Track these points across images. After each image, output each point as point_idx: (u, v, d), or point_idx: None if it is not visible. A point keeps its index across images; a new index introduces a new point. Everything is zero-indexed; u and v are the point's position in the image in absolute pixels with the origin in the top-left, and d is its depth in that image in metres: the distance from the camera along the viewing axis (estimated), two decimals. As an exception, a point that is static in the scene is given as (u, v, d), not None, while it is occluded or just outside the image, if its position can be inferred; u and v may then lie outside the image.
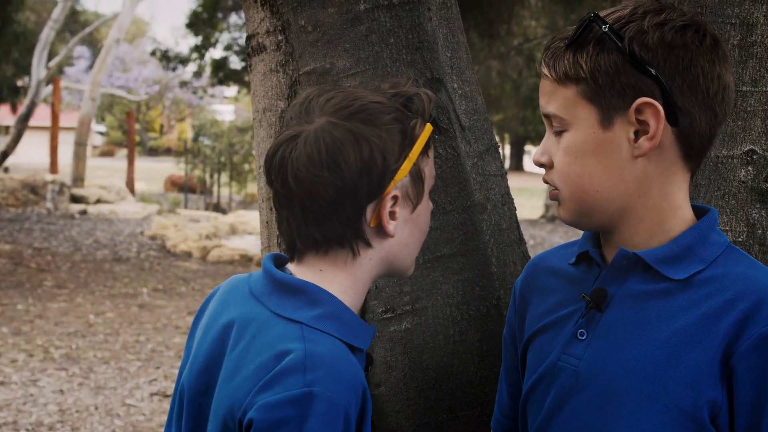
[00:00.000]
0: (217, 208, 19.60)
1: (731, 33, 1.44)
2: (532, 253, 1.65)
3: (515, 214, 1.88)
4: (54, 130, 19.22)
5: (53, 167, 18.84)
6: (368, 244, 1.23)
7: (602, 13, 1.16)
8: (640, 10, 1.15)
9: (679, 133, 1.14)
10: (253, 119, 1.89)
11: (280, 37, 1.78)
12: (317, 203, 1.19)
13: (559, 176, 1.20)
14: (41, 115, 32.13)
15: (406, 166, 1.22)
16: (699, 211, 1.22)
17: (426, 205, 1.28)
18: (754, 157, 1.46)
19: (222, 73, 16.78)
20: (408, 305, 1.53)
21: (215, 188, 20.76)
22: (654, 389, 1.11)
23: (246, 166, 20.26)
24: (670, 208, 1.17)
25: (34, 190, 16.81)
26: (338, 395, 1.11)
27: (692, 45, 1.12)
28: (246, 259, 11.87)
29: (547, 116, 1.20)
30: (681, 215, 1.18)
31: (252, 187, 20.44)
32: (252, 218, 15.46)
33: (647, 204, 1.17)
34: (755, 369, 1.07)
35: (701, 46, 1.13)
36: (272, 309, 1.20)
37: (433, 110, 1.28)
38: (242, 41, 16.11)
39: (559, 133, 1.19)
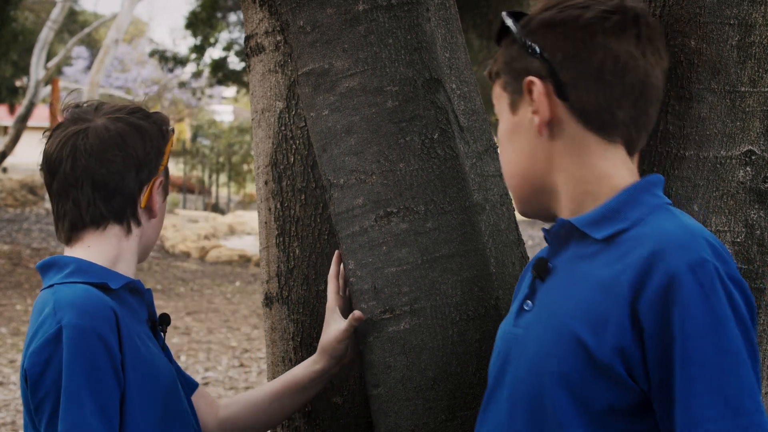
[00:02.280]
0: (216, 208, 19.60)
1: (730, 34, 1.44)
2: (531, 254, 1.65)
3: (514, 215, 1.88)
4: (53, 130, 19.19)
5: (52, 167, 18.80)
6: (138, 223, 1.51)
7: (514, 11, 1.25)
8: (542, 4, 1.22)
9: (572, 106, 1.18)
10: (252, 119, 1.89)
11: (278, 38, 1.78)
12: (109, 178, 1.45)
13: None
14: (40, 116, 32.06)
15: (166, 157, 1.51)
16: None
17: (164, 208, 1.57)
18: (753, 157, 1.46)
19: (221, 74, 16.78)
20: (406, 306, 1.53)
21: (214, 188, 20.76)
22: (571, 343, 1.12)
23: (245, 167, 20.26)
24: (593, 178, 1.20)
25: (32, 190, 16.80)
26: (84, 321, 1.32)
27: (570, 20, 1.18)
28: (244, 260, 11.86)
29: None
30: (609, 183, 1.20)
31: (250, 188, 20.44)
32: (250, 218, 15.45)
33: (567, 178, 1.21)
34: (659, 320, 1.06)
35: (578, 20, 1.17)
36: (41, 290, 1.46)
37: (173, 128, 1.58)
38: (241, 41, 16.11)
39: None
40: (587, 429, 1.11)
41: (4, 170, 20.97)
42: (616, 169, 1.20)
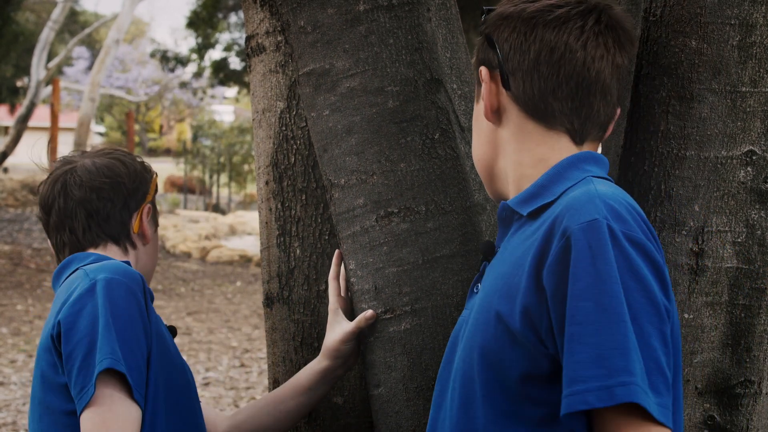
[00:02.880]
0: (217, 208, 19.60)
1: (730, 34, 1.44)
2: (532, 254, 1.65)
3: (515, 215, 1.88)
4: (53, 130, 19.21)
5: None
6: (133, 246, 1.61)
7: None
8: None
9: (513, 95, 1.23)
10: (253, 120, 1.89)
11: (279, 38, 1.78)
12: (101, 204, 1.56)
13: None
14: (40, 116, 32.09)
15: (152, 189, 1.64)
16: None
17: (156, 237, 1.68)
18: (754, 158, 1.46)
19: (222, 74, 16.79)
20: (407, 306, 1.53)
21: (214, 189, 20.76)
22: (490, 316, 1.14)
23: (245, 167, 20.26)
24: (530, 162, 1.23)
25: (33, 190, 16.80)
26: (118, 276, 1.40)
27: (516, 13, 1.22)
28: (245, 260, 11.87)
29: None
30: (544, 166, 1.22)
31: (251, 188, 20.44)
32: (251, 219, 15.46)
33: (507, 162, 1.26)
34: (557, 282, 1.06)
35: (524, 12, 1.21)
36: (56, 284, 1.55)
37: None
38: (242, 41, 16.11)
39: None
40: (505, 397, 1.12)
41: (5, 170, 20.98)
42: (553, 152, 1.22)
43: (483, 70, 1.26)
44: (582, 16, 1.20)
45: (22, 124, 19.26)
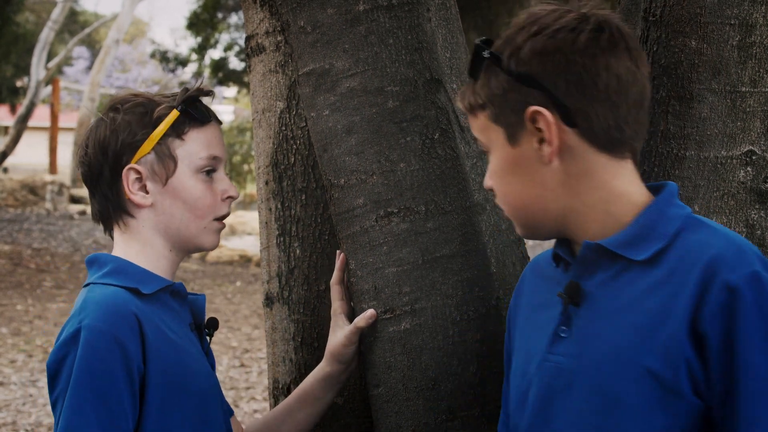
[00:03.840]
0: (217, 208, 19.56)
1: (730, 34, 1.44)
2: (531, 254, 1.65)
3: (514, 215, 1.88)
4: (53, 130, 19.22)
5: (52, 168, 18.84)
6: (130, 215, 1.48)
7: (488, 40, 1.22)
8: (519, 25, 1.20)
9: (581, 131, 1.17)
10: (253, 119, 1.89)
11: (279, 38, 1.78)
12: (85, 180, 1.49)
13: (497, 197, 1.28)
14: (40, 116, 32.07)
15: (147, 144, 1.45)
16: (656, 190, 1.23)
17: (192, 182, 1.48)
18: (754, 157, 1.46)
19: (221, 74, 16.78)
20: (407, 306, 1.53)
21: (214, 189, 20.71)
22: (637, 372, 1.12)
23: (245, 167, 20.26)
24: (612, 197, 1.19)
25: (33, 190, 16.81)
26: (104, 324, 1.32)
27: (565, 46, 1.16)
28: (245, 260, 11.86)
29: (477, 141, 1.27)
30: (628, 200, 1.20)
31: (251, 188, 20.43)
32: (251, 219, 15.45)
33: (584, 201, 1.20)
34: (722, 335, 1.08)
35: (575, 44, 1.16)
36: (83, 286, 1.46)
37: (196, 99, 1.49)
38: (242, 42, 16.11)
39: (487, 157, 1.26)
40: None
41: (5, 170, 20.97)
42: (631, 185, 1.21)
43: (542, 111, 1.16)
44: (621, 37, 1.18)
45: (22, 124, 19.26)
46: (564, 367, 1.20)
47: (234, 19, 16.63)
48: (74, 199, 17.10)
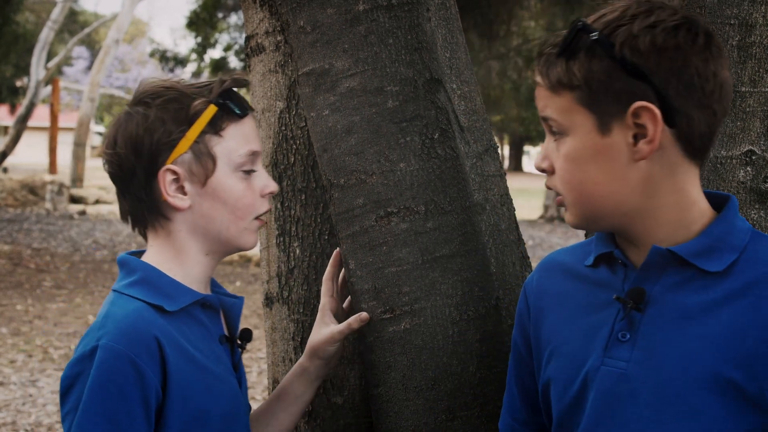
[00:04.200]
0: (217, 208, 19.57)
1: (730, 34, 1.44)
2: (531, 254, 1.65)
3: (514, 215, 1.88)
4: (53, 130, 19.22)
5: (52, 168, 18.84)
6: (165, 218, 1.37)
7: (590, 18, 1.15)
8: (629, 13, 1.14)
9: (677, 133, 1.13)
10: (252, 120, 1.89)
11: (279, 38, 1.78)
12: (116, 183, 1.37)
13: (561, 182, 1.20)
14: (40, 116, 32.09)
15: (183, 143, 1.33)
16: (715, 199, 1.22)
17: (231, 181, 1.37)
18: (753, 157, 1.46)
19: (221, 74, 16.76)
20: (407, 306, 1.52)
21: (214, 189, 20.72)
22: (717, 382, 1.11)
23: (245, 167, 20.24)
24: (686, 204, 1.17)
25: (33, 190, 16.81)
26: (121, 345, 1.24)
27: (685, 45, 1.12)
28: (245, 260, 11.85)
29: (546, 120, 1.20)
30: (698, 209, 1.18)
31: (251, 188, 20.41)
32: (251, 219, 15.40)
33: (661, 203, 1.17)
34: None
35: (694, 45, 1.12)
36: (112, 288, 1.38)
37: (227, 93, 1.38)
38: (242, 41, 16.10)
39: (558, 138, 1.19)
40: None
41: (5, 170, 20.98)
42: (700, 194, 1.20)
43: (651, 108, 1.11)
44: (722, 47, 1.16)
45: (22, 123, 19.27)
46: (629, 373, 1.17)
47: (234, 18, 16.63)
48: (74, 199, 17.10)
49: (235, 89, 1.40)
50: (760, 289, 1.12)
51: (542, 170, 1.23)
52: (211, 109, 1.35)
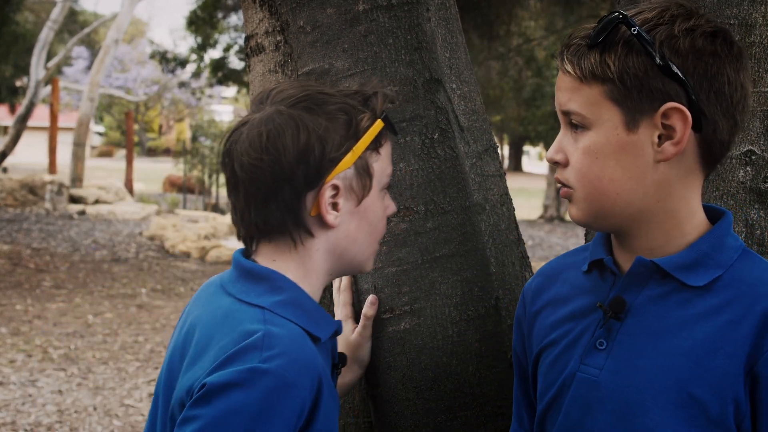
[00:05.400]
0: (216, 208, 19.59)
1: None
2: (531, 254, 1.65)
3: (514, 215, 1.88)
4: (53, 130, 19.22)
5: (52, 167, 18.83)
6: (310, 234, 1.25)
7: (628, 14, 1.14)
8: (668, 14, 1.13)
9: (701, 139, 1.13)
10: (252, 119, 1.89)
11: (278, 38, 1.78)
12: (257, 188, 1.22)
13: (576, 176, 1.18)
14: (40, 116, 32.12)
15: (350, 158, 1.23)
16: (711, 213, 1.21)
17: (378, 201, 1.29)
18: (753, 157, 1.46)
19: (221, 73, 16.78)
20: (406, 306, 1.53)
21: (214, 188, 20.75)
22: (681, 398, 1.11)
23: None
24: (687, 212, 1.17)
25: (32, 190, 16.80)
26: (293, 375, 1.11)
27: (721, 53, 1.12)
28: (245, 260, 11.85)
29: (566, 113, 1.18)
30: (697, 219, 1.18)
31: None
32: (251, 219, 15.40)
33: (666, 208, 1.16)
34: None
35: (729, 54, 1.12)
36: (237, 296, 1.22)
37: (389, 109, 1.29)
38: (242, 41, 16.10)
39: (577, 131, 1.17)
40: None
41: (5, 170, 20.98)
42: (699, 205, 1.19)
43: (683, 110, 1.11)
44: (748, 60, 1.17)
45: (22, 123, 19.26)
46: (600, 382, 1.17)
47: (233, 18, 16.63)
48: (73, 199, 17.10)
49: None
50: (738, 308, 1.11)
51: (555, 162, 1.21)
52: (378, 125, 1.26)
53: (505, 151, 43.28)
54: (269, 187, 1.22)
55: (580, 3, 11.53)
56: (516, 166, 43.54)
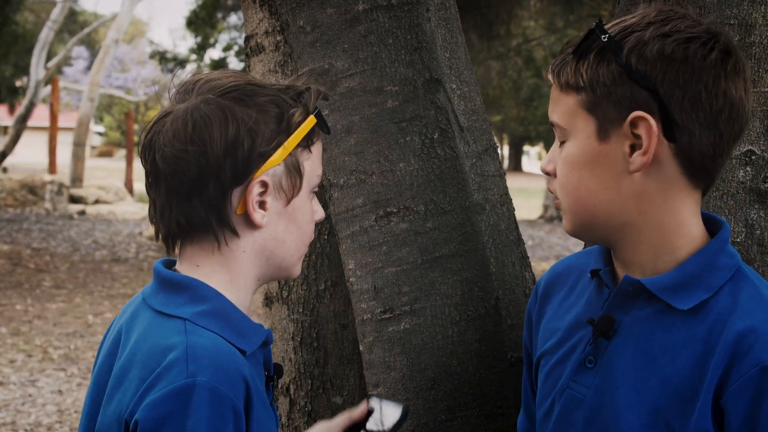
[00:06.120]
0: (216, 208, 19.57)
1: (730, 33, 1.44)
2: (531, 254, 1.65)
3: (514, 215, 1.88)
4: (53, 130, 19.22)
5: (52, 167, 18.83)
6: (235, 233, 1.17)
7: (611, 23, 1.13)
8: (646, 20, 1.11)
9: (677, 149, 1.09)
10: (252, 119, 1.89)
11: (278, 38, 1.78)
12: (180, 182, 1.13)
13: (559, 186, 1.18)
14: (40, 116, 32.11)
15: (280, 154, 1.16)
16: (711, 223, 1.17)
17: (306, 203, 1.22)
18: (753, 157, 1.46)
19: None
20: (406, 306, 1.52)
21: (214, 189, 20.71)
22: (658, 425, 1.09)
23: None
24: (674, 225, 1.13)
25: (32, 190, 16.80)
26: (222, 385, 1.06)
27: (694, 59, 1.07)
28: (245, 260, 11.86)
29: (553, 124, 1.18)
30: (687, 233, 1.14)
31: (251, 188, 20.41)
32: (251, 219, 15.41)
33: (648, 221, 1.12)
34: (745, 410, 1.04)
35: (705, 60, 1.08)
36: (157, 308, 1.15)
37: (322, 106, 1.23)
38: (241, 41, 16.10)
39: (562, 143, 1.17)
40: None
41: (4, 170, 20.97)
42: (693, 216, 1.14)
43: (648, 119, 1.07)
44: (743, 64, 1.11)
45: (22, 123, 19.26)
46: (587, 400, 1.16)
47: (233, 18, 16.63)
48: (73, 199, 17.10)
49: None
50: (715, 336, 1.08)
51: (546, 173, 1.21)
52: (311, 121, 1.19)
53: (505, 151, 43.26)
54: (193, 181, 1.13)
55: (580, 3, 11.53)
56: (516, 166, 43.54)
